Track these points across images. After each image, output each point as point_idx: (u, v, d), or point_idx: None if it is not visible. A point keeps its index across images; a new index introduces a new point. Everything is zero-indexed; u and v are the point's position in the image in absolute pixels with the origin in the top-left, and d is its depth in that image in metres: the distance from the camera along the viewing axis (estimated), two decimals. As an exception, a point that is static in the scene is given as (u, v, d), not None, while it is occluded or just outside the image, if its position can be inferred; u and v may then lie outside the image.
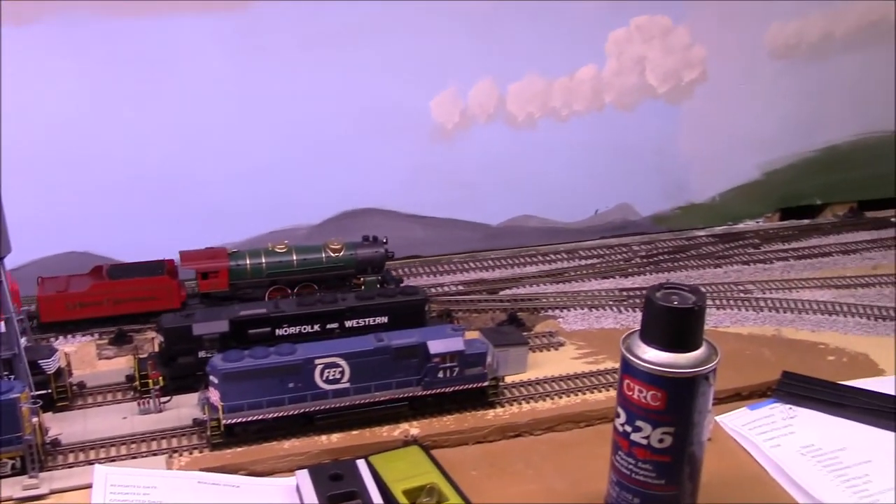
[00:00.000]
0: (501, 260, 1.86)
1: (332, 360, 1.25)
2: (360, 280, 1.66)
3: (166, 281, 1.57)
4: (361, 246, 1.66)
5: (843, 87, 2.05)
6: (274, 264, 1.61)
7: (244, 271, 1.60)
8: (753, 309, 1.66)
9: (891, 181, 2.17)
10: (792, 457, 1.25)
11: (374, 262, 1.66)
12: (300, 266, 1.62)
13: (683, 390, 1.03)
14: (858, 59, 2.02)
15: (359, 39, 1.69)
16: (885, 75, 2.05)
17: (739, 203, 2.09)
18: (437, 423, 1.31)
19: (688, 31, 1.89)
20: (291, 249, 1.62)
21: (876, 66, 2.04)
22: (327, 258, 1.62)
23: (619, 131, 1.92)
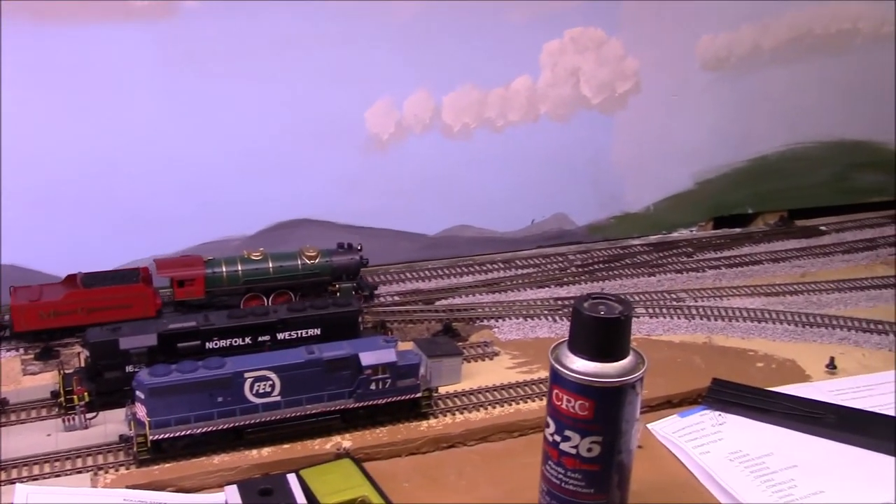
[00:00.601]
0: (438, 270, 1.86)
1: (262, 373, 1.24)
2: (336, 287, 1.67)
3: (142, 289, 1.55)
4: (336, 253, 1.67)
5: (771, 99, 2.09)
6: (250, 272, 1.61)
7: (220, 279, 1.59)
8: (685, 317, 1.69)
9: (819, 190, 2.23)
10: (720, 463, 1.27)
11: (350, 269, 1.67)
12: (276, 273, 1.62)
13: (611, 399, 1.03)
14: (786, 72, 2.07)
15: (292, 49, 1.68)
16: (811, 87, 2.10)
17: (673, 212, 2.11)
18: (370, 435, 1.30)
19: (621, 42, 1.91)
20: (267, 257, 1.62)
21: (802, 79, 2.09)
22: (303, 265, 1.64)
23: (554, 142, 1.94)
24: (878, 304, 1.79)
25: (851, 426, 1.33)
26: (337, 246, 1.69)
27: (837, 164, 2.23)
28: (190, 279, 1.58)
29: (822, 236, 2.13)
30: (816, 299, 1.79)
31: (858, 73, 2.14)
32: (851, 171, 2.25)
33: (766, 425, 1.35)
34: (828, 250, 2.04)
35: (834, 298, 1.80)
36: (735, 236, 2.12)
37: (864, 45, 2.11)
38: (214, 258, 1.61)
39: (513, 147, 1.90)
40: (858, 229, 2.17)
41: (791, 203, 2.22)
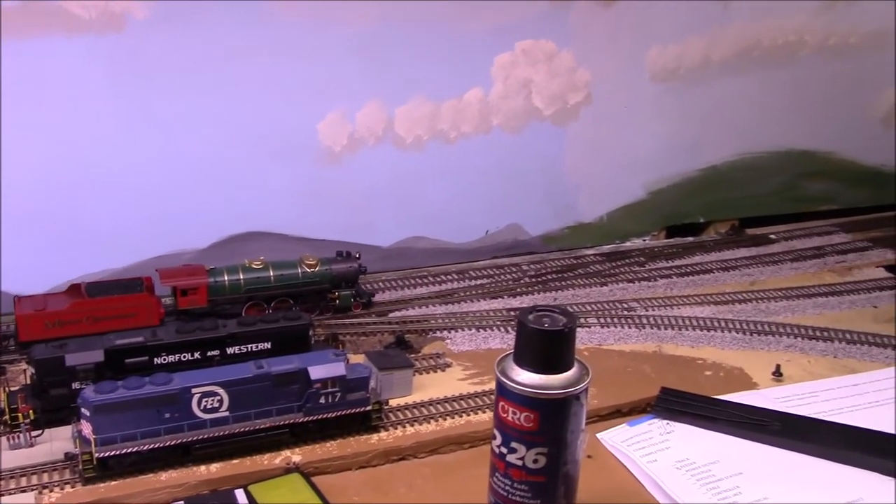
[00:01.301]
0: (392, 281, 1.87)
1: (209, 388, 1.23)
2: (335, 294, 1.70)
3: (146, 298, 1.55)
4: (335, 261, 1.71)
5: (721, 110, 2.12)
6: (252, 280, 1.64)
7: (222, 287, 1.62)
8: (636, 326, 1.71)
9: (768, 199, 2.27)
10: (667, 471, 1.28)
11: (348, 277, 1.71)
12: (277, 282, 1.66)
13: (555, 411, 1.05)
14: (734, 83, 2.10)
15: (242, 62, 1.67)
16: (760, 98, 2.14)
17: (626, 222, 2.14)
18: (320, 449, 1.30)
19: (572, 55, 1.93)
20: (268, 265, 1.66)
21: (750, 90, 2.12)
22: (303, 273, 1.67)
23: (507, 153, 1.95)
24: (825, 311, 1.82)
25: (795, 433, 1.36)
26: (335, 254, 1.73)
27: (786, 174, 2.27)
28: (193, 288, 1.60)
29: (772, 245, 2.16)
30: (765, 307, 1.82)
31: (805, 84, 2.19)
32: (800, 180, 2.30)
33: (713, 433, 1.37)
34: (777, 258, 2.07)
35: (782, 306, 1.83)
36: (687, 245, 2.14)
37: (809, 57, 2.15)
38: (216, 267, 1.64)
39: (466, 159, 1.92)
40: (807, 237, 2.21)
41: (741, 212, 2.26)
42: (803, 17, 2.11)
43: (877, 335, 1.69)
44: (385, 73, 1.79)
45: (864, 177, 2.35)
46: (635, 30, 1.96)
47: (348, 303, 1.71)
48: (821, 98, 2.22)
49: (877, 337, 1.68)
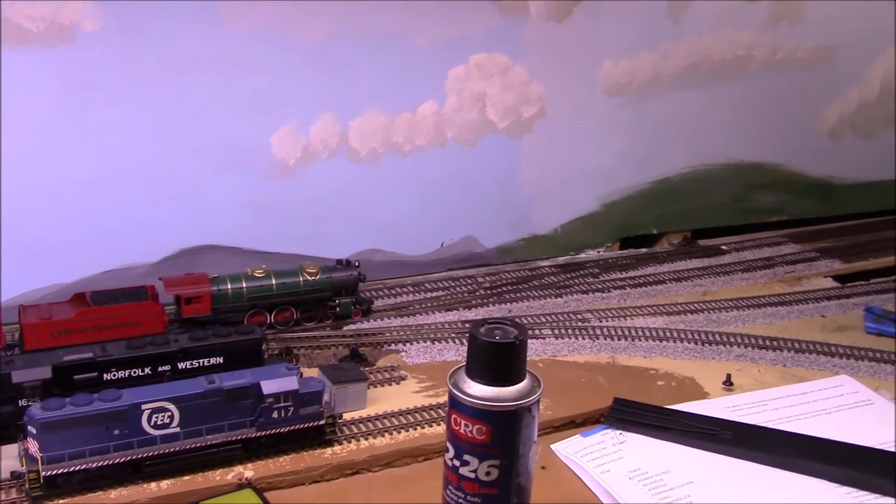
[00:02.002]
0: (347, 294, 1.86)
1: (160, 404, 1.22)
2: (336, 302, 1.72)
3: (151, 306, 1.56)
4: (336, 269, 1.74)
5: (672, 123, 2.16)
6: (254, 288, 1.66)
7: (226, 296, 1.64)
8: (590, 337, 1.72)
9: (720, 211, 2.30)
10: (620, 481, 1.29)
11: (348, 285, 1.74)
12: (279, 290, 1.68)
13: (507, 423, 1.05)
14: (685, 97, 2.14)
15: (195, 74, 1.67)
16: (710, 112, 2.18)
17: (580, 234, 2.16)
18: (273, 464, 1.29)
19: (525, 68, 1.95)
20: (270, 274, 1.68)
21: (701, 104, 2.16)
22: (304, 281, 1.69)
23: (462, 166, 1.96)
24: (774, 321, 1.85)
25: (746, 442, 1.37)
26: (335, 263, 1.75)
27: (737, 186, 2.31)
28: (197, 297, 1.62)
29: (723, 255, 2.19)
30: (716, 317, 1.85)
31: (754, 98, 2.23)
32: (750, 191, 2.34)
33: (665, 443, 1.38)
34: (728, 269, 2.10)
35: (733, 316, 1.85)
36: (640, 256, 2.17)
37: (758, 71, 2.20)
38: (219, 276, 1.65)
39: (421, 171, 1.92)
40: (757, 248, 2.25)
41: (694, 223, 2.29)
42: (752, 33, 2.15)
43: (824, 344, 1.72)
44: (339, 87, 1.79)
45: (812, 188, 2.41)
46: (587, 45, 1.99)
47: (348, 310, 1.74)
48: (770, 111, 2.27)
49: (824, 346, 1.71)
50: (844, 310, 1.92)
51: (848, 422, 1.47)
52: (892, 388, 1.60)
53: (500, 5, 1.87)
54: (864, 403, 1.54)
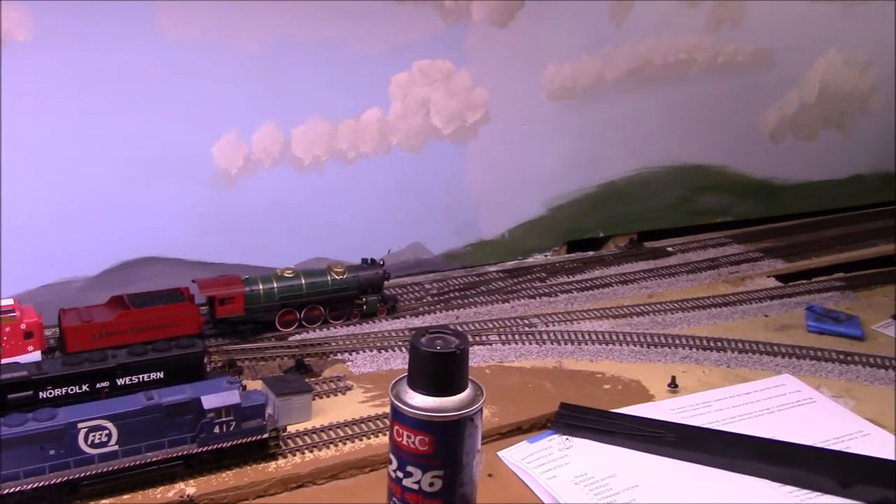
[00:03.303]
0: (293, 304, 1.84)
1: (97, 422, 1.19)
2: (363, 300, 1.78)
3: (187, 307, 1.61)
4: (362, 269, 1.79)
5: (617, 127, 2.17)
6: (285, 288, 1.70)
7: (258, 296, 1.68)
8: (537, 342, 1.72)
9: (665, 213, 2.33)
10: (566, 487, 1.29)
11: (374, 283, 1.79)
12: (308, 289, 1.72)
13: (450, 433, 1.04)
14: (629, 100, 2.15)
15: (133, 83, 1.64)
16: (653, 115, 2.20)
17: (528, 238, 2.16)
18: (215, 479, 1.27)
19: (469, 74, 1.95)
20: (299, 274, 1.73)
21: (644, 107, 2.18)
22: (332, 281, 1.74)
23: (407, 172, 1.95)
24: (719, 321, 1.87)
25: (690, 443, 1.39)
26: (361, 262, 1.80)
27: (681, 188, 2.33)
28: (230, 297, 1.65)
29: (669, 257, 2.21)
30: (661, 319, 1.86)
31: (697, 101, 2.25)
32: (694, 193, 2.36)
33: (611, 447, 1.39)
34: (673, 271, 2.12)
35: (678, 318, 1.87)
36: (587, 260, 2.18)
37: (699, 74, 2.22)
38: (251, 277, 1.69)
39: (366, 178, 1.91)
40: (702, 249, 2.27)
41: (640, 226, 2.31)
42: (692, 37, 2.17)
43: (767, 343, 1.74)
44: (281, 94, 1.77)
45: (755, 189, 2.44)
46: (531, 49, 1.99)
47: (375, 308, 1.79)
48: (712, 114, 2.29)
49: (767, 345, 1.74)
50: (787, 309, 1.95)
51: (790, 420, 1.49)
52: (833, 385, 1.62)
53: (443, 11, 1.86)
54: (806, 402, 1.56)
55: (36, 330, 1.48)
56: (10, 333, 1.45)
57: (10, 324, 1.45)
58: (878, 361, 1.70)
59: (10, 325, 1.45)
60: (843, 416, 1.52)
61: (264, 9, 1.70)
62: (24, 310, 1.49)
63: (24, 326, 1.47)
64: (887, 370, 1.68)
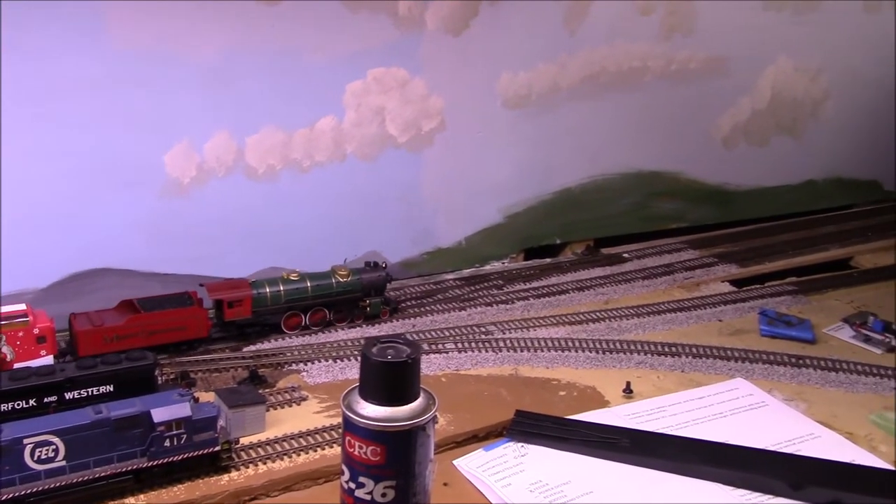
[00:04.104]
0: (247, 314, 1.83)
1: (43, 438, 1.17)
2: (366, 302, 1.81)
3: (196, 311, 1.65)
4: (365, 271, 1.83)
5: (572, 134, 2.19)
6: (291, 291, 1.74)
7: (264, 299, 1.72)
8: (493, 350, 1.72)
9: (621, 219, 2.34)
10: (521, 494, 1.29)
11: (377, 285, 1.82)
12: (314, 292, 1.76)
13: (402, 443, 1.04)
14: (584, 108, 2.17)
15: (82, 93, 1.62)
16: (608, 122, 2.21)
17: (485, 245, 2.16)
18: (166, 494, 1.25)
19: (424, 82, 1.95)
20: (305, 277, 1.76)
21: (599, 114, 2.19)
22: (337, 283, 1.78)
23: (363, 180, 1.95)
24: (674, 326, 1.89)
25: (644, 449, 1.39)
26: (364, 264, 1.84)
27: (637, 194, 2.35)
28: (238, 300, 1.69)
29: (625, 263, 2.23)
30: (617, 325, 1.87)
31: (651, 108, 2.28)
32: (650, 200, 2.38)
33: (566, 453, 1.39)
34: (629, 277, 2.13)
35: (633, 324, 1.88)
36: (544, 267, 2.18)
37: (654, 82, 2.24)
38: (258, 280, 1.74)
39: (321, 187, 1.90)
40: (658, 255, 2.29)
41: (596, 232, 2.32)
42: (646, 45, 2.20)
43: (721, 348, 1.76)
44: (233, 103, 1.76)
45: (709, 195, 2.47)
46: (485, 57, 2.00)
47: (378, 309, 1.82)
48: (666, 121, 2.32)
49: (721, 350, 1.75)
50: (741, 313, 1.97)
51: (743, 424, 1.51)
52: (785, 389, 1.64)
53: (397, 20, 1.87)
54: (758, 405, 1.58)
55: (48, 334, 1.50)
56: (24, 338, 1.47)
57: (23, 328, 1.47)
58: (830, 364, 1.72)
59: (23, 330, 1.47)
60: (795, 418, 1.54)
61: (217, 17, 1.69)
62: (36, 314, 1.51)
63: (37, 331, 1.49)
64: (838, 373, 1.70)
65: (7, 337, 1.46)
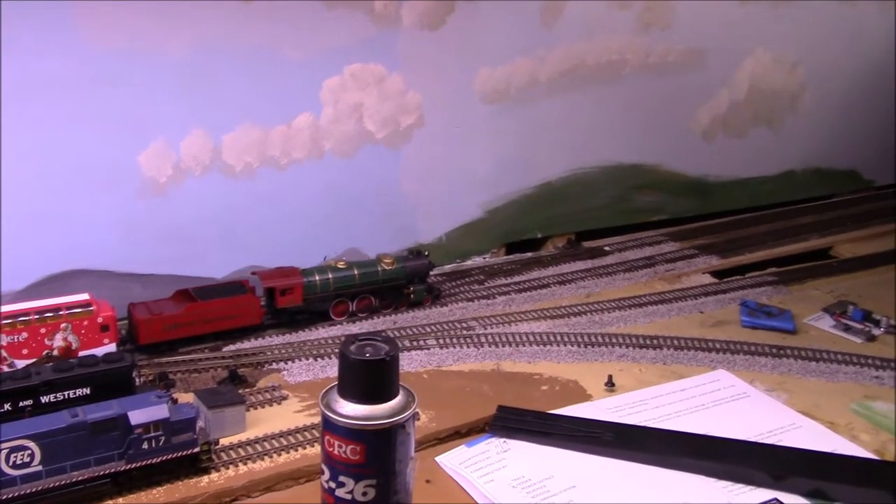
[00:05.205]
0: (227, 314, 1.81)
1: (18, 442, 1.15)
2: (411, 289, 1.86)
3: (250, 299, 1.71)
4: (408, 259, 1.89)
5: (551, 128, 2.18)
6: (339, 279, 1.79)
7: (314, 286, 1.76)
8: (475, 345, 1.71)
9: (602, 212, 2.34)
10: (503, 490, 1.29)
11: (420, 273, 1.88)
12: (361, 279, 1.80)
13: (382, 441, 1.03)
14: (563, 102, 2.16)
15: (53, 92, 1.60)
16: (587, 115, 2.21)
17: (465, 241, 2.16)
18: (146, 496, 1.24)
19: (401, 77, 1.94)
20: (352, 265, 1.82)
21: (578, 108, 2.19)
22: (382, 271, 1.83)
23: (341, 177, 1.94)
24: (655, 319, 1.89)
25: (626, 442, 1.39)
26: (408, 253, 1.92)
27: (617, 187, 2.35)
28: (290, 288, 1.73)
29: (606, 256, 2.23)
30: (599, 319, 1.87)
31: (630, 101, 2.28)
32: (630, 192, 2.38)
33: (548, 448, 1.39)
34: (611, 270, 2.13)
35: (615, 317, 1.88)
36: (525, 261, 2.18)
37: (632, 74, 2.24)
38: (307, 268, 1.78)
39: (299, 184, 1.89)
40: (639, 248, 2.29)
41: (577, 226, 2.32)
42: (623, 38, 2.20)
43: (702, 340, 1.76)
44: (209, 101, 1.74)
45: (689, 187, 2.47)
46: (463, 52, 1.99)
47: (422, 296, 1.88)
48: (646, 114, 2.32)
49: (702, 342, 1.76)
50: (721, 305, 1.97)
51: (725, 415, 1.51)
52: (766, 379, 1.64)
53: (374, 16, 1.85)
54: (740, 396, 1.58)
55: (111, 323, 1.55)
56: (88, 327, 1.52)
57: (87, 318, 1.52)
58: (810, 354, 1.73)
59: (87, 319, 1.52)
60: (777, 409, 1.54)
61: (191, 14, 1.68)
62: (99, 304, 1.55)
63: (100, 320, 1.54)
64: (819, 363, 1.71)
65: (73, 326, 1.51)
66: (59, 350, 1.50)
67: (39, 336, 1.49)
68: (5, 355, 1.47)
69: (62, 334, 1.51)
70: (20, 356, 1.48)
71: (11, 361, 1.47)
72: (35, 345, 1.49)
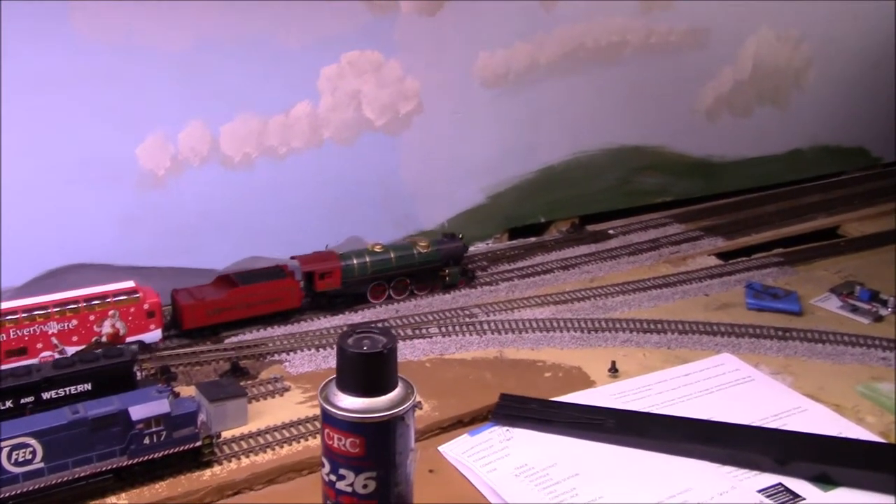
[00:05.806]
0: (229, 305, 1.81)
1: (20, 440, 1.15)
2: (446, 272, 1.88)
3: (290, 283, 1.74)
4: (443, 242, 1.91)
5: (552, 111, 2.16)
6: (376, 262, 1.82)
7: (352, 270, 1.79)
8: (478, 333, 1.71)
9: (605, 196, 2.33)
10: (506, 479, 1.28)
11: (455, 255, 1.90)
12: (397, 262, 1.83)
13: (381, 434, 1.02)
14: (563, 84, 2.14)
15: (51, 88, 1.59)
16: (589, 98, 2.19)
17: (468, 227, 2.14)
18: (148, 491, 1.24)
19: (399, 64, 1.92)
20: (388, 248, 1.85)
21: (579, 90, 2.17)
22: (418, 254, 1.86)
23: (341, 166, 1.93)
24: (659, 303, 1.88)
25: (630, 429, 1.38)
26: (442, 236, 1.93)
27: (620, 169, 2.34)
28: (329, 272, 1.76)
29: (610, 240, 2.21)
30: (603, 304, 1.86)
31: (631, 82, 2.25)
32: (634, 174, 2.36)
33: (551, 436, 1.38)
34: (615, 253, 2.12)
35: (619, 301, 1.87)
36: (528, 246, 2.17)
37: (633, 55, 2.22)
38: (345, 252, 1.81)
39: (299, 174, 1.88)
40: (643, 230, 2.27)
41: (580, 209, 2.31)
42: (624, 19, 2.17)
43: (707, 323, 1.75)
44: (205, 92, 1.73)
45: (694, 168, 2.45)
46: (461, 37, 1.97)
47: (456, 278, 1.90)
48: (648, 95, 2.30)
49: (707, 325, 1.74)
50: (727, 287, 1.96)
51: (730, 399, 1.50)
52: (771, 362, 1.63)
53: (370, 2, 1.84)
54: (745, 380, 1.57)
55: (157, 310, 1.58)
56: (135, 313, 1.56)
57: (134, 304, 1.56)
58: (816, 336, 1.71)
59: (134, 306, 1.56)
60: (782, 392, 1.53)
61: (186, 5, 1.66)
62: (145, 291, 1.59)
63: (146, 307, 1.57)
64: (825, 344, 1.69)
65: (120, 312, 1.54)
66: (108, 336, 1.54)
67: (88, 323, 1.53)
68: (56, 342, 1.50)
69: (110, 321, 1.54)
70: (70, 343, 1.51)
71: (63, 348, 1.50)
72: (84, 332, 1.52)
